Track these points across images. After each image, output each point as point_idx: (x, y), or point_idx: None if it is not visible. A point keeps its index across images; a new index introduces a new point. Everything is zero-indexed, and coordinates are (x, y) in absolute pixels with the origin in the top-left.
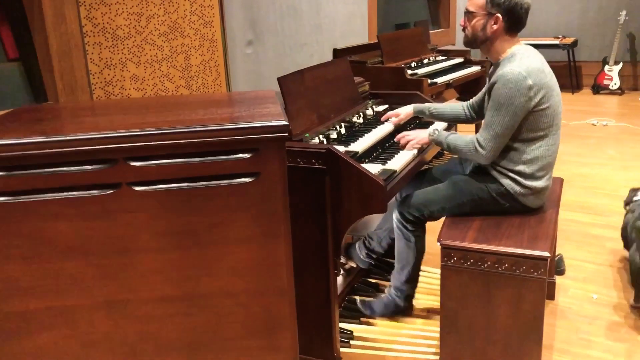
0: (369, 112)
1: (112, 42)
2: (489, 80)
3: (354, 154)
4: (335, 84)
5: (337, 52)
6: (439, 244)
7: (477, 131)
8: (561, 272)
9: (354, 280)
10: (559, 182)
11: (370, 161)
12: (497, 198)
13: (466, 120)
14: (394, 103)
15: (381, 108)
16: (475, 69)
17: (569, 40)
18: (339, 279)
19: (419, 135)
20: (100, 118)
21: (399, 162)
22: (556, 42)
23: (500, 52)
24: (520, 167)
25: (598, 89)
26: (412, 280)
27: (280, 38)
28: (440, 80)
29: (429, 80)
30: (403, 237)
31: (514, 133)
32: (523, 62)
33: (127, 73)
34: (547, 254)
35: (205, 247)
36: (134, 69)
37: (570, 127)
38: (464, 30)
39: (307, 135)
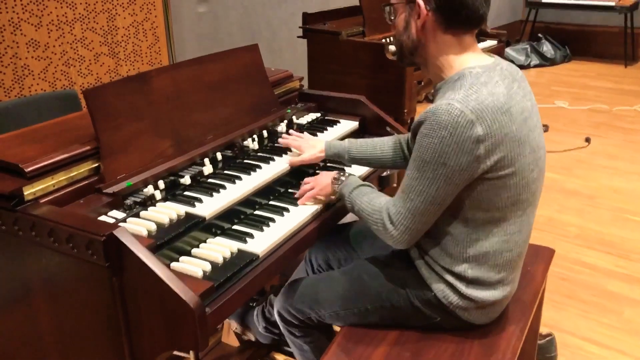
0: (281, 127)
1: None
2: None
3: (196, 222)
4: (223, 89)
5: (307, 18)
6: None
7: None
8: None
9: (251, 359)
10: (546, 255)
11: (227, 232)
12: (422, 309)
13: (403, 163)
14: (332, 110)
15: (306, 119)
16: (489, 43)
17: (627, 2)
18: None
19: (320, 182)
20: None
21: (276, 232)
22: (611, 3)
23: (443, 67)
24: (460, 267)
25: None
26: None
27: None
28: None
29: None
30: (293, 344)
31: (451, 209)
32: (473, 92)
33: (22, 37)
34: None
35: None
36: (32, 32)
37: (613, 114)
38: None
39: (129, 183)
